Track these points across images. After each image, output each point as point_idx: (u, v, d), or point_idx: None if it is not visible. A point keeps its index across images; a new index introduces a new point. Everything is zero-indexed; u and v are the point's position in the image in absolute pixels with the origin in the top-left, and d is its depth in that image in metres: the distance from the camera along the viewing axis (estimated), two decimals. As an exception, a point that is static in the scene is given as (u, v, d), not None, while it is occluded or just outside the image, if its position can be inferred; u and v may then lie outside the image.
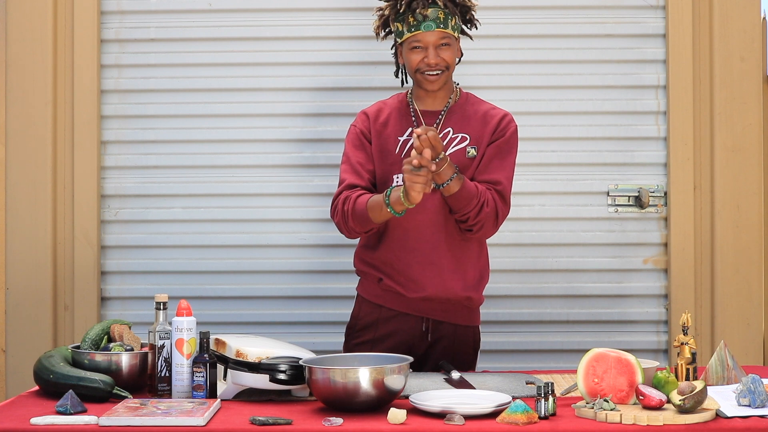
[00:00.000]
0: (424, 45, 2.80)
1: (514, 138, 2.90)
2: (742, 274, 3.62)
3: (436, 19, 2.79)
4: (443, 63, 2.81)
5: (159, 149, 3.71)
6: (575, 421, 2.17)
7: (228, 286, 3.70)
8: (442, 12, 2.79)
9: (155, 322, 2.48)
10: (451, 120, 2.89)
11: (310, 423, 2.16)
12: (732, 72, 3.62)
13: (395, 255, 2.87)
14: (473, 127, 2.87)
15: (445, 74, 2.83)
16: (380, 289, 2.91)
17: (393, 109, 2.94)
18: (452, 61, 2.84)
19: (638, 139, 3.69)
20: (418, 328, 2.88)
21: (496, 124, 2.87)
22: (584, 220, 3.69)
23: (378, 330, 2.91)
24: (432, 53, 2.80)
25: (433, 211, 2.83)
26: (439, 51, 2.80)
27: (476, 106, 2.93)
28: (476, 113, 2.90)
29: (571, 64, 3.69)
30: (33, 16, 3.63)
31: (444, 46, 2.81)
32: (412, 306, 2.88)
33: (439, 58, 2.80)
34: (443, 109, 2.90)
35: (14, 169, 3.64)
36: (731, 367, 2.53)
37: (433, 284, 2.84)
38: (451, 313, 2.90)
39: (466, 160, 2.84)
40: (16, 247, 3.63)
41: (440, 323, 2.89)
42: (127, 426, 2.14)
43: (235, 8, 3.71)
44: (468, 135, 2.86)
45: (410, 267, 2.85)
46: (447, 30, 2.80)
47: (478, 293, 2.93)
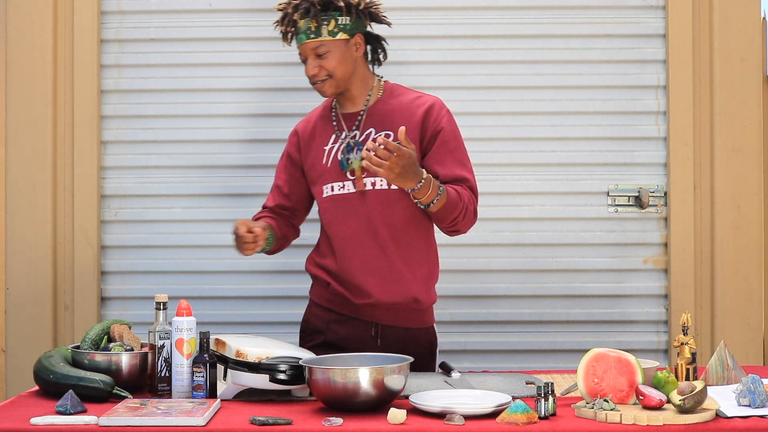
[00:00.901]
0: (304, 57, 2.81)
1: (453, 125, 2.84)
2: (742, 274, 3.62)
3: (306, 30, 2.77)
4: (323, 71, 2.78)
5: (159, 149, 3.71)
6: (575, 421, 2.17)
7: (228, 286, 3.70)
8: (314, 21, 2.76)
9: (155, 322, 2.49)
10: (372, 120, 2.84)
11: (310, 423, 2.16)
12: (732, 72, 3.62)
13: (339, 264, 2.85)
14: (396, 123, 2.79)
15: (331, 81, 2.80)
16: (329, 293, 2.89)
17: (318, 118, 2.94)
18: (336, 68, 2.78)
19: (638, 139, 3.69)
20: (368, 332, 2.85)
21: (423, 116, 2.80)
22: (584, 220, 3.69)
23: (328, 334, 2.88)
24: (310, 64, 2.79)
25: (367, 219, 2.80)
26: (320, 60, 2.78)
27: (400, 97, 2.86)
28: (400, 106, 2.83)
29: (571, 64, 3.69)
30: (33, 16, 3.63)
31: (323, 55, 2.77)
32: (360, 311, 2.85)
33: (317, 68, 2.78)
34: (362, 110, 2.86)
35: (14, 169, 3.64)
36: (731, 367, 2.53)
37: (377, 291, 2.81)
38: (401, 316, 2.85)
39: None
40: (16, 247, 3.63)
41: (389, 327, 2.85)
42: (127, 426, 2.14)
43: (235, 8, 3.71)
44: (392, 132, 2.80)
45: (353, 275, 2.82)
46: (321, 38, 2.76)
47: (427, 294, 2.88)
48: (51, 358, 2.53)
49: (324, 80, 2.80)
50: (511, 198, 3.68)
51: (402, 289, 2.82)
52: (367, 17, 2.86)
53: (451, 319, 3.65)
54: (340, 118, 2.88)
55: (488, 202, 3.66)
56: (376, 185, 2.79)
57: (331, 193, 2.84)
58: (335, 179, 2.83)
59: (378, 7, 2.89)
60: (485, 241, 3.68)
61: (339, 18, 2.78)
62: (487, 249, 3.67)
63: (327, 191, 2.84)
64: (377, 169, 2.54)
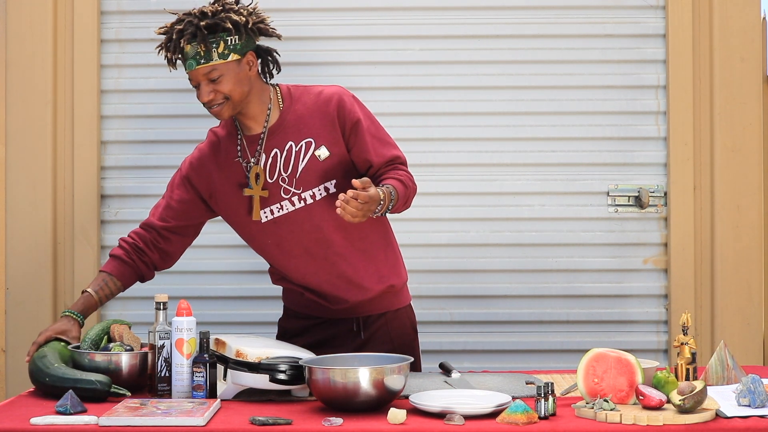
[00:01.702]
0: (196, 82, 2.65)
1: (364, 109, 2.76)
2: (742, 274, 3.62)
3: (195, 55, 2.62)
4: (219, 96, 2.64)
5: (159, 149, 3.71)
6: (575, 421, 2.17)
7: (228, 286, 3.70)
8: (202, 45, 2.61)
9: (155, 322, 2.48)
10: (286, 131, 2.72)
11: (310, 423, 2.16)
12: (732, 72, 3.62)
13: (303, 280, 2.80)
14: (312, 126, 2.72)
15: (228, 104, 2.65)
16: (305, 301, 2.85)
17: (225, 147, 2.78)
18: (231, 89, 2.63)
19: (638, 139, 3.69)
20: (349, 328, 2.83)
21: (335, 112, 2.70)
22: (584, 220, 3.69)
23: (308, 337, 2.85)
24: (203, 89, 2.63)
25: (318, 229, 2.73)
26: (214, 84, 2.62)
27: (303, 99, 2.75)
28: (308, 108, 2.72)
29: (571, 64, 3.69)
30: (33, 16, 3.63)
31: (215, 79, 2.62)
32: (338, 313, 2.82)
33: (212, 93, 2.63)
34: (262, 132, 2.73)
35: (14, 169, 3.64)
36: (731, 367, 2.53)
37: (350, 294, 2.78)
38: (377, 304, 2.83)
39: (321, 164, 2.70)
40: (16, 247, 3.63)
41: (369, 317, 2.83)
42: (127, 426, 2.14)
43: (235, 8, 3.70)
44: (311, 137, 2.71)
45: (321, 286, 2.79)
46: (212, 62, 2.61)
47: (398, 277, 2.85)
48: (44, 358, 2.51)
49: (221, 103, 2.65)
50: (511, 198, 3.67)
51: (373, 284, 2.79)
52: (256, 34, 2.72)
53: (451, 319, 3.65)
54: (245, 144, 2.75)
55: (488, 202, 3.66)
56: (316, 197, 2.72)
57: (273, 216, 2.74)
58: (271, 203, 2.73)
59: (266, 21, 2.76)
60: (485, 241, 3.68)
61: (228, 39, 2.63)
62: (487, 249, 3.67)
63: (266, 215, 2.74)
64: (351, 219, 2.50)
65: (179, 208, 2.86)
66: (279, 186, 2.73)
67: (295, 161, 2.72)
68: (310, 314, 2.86)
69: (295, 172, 2.71)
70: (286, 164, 2.71)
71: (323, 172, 2.71)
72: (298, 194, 2.72)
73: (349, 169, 2.75)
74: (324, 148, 2.71)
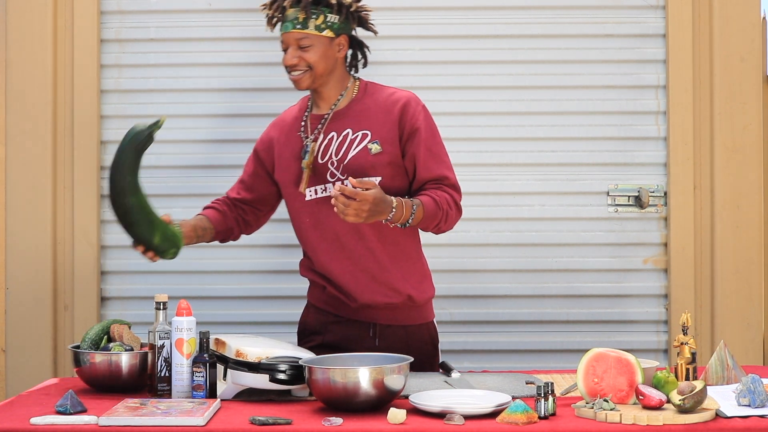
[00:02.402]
0: (286, 45, 2.78)
1: (429, 121, 2.81)
2: (742, 274, 3.62)
3: (294, 19, 2.74)
4: (303, 63, 2.75)
5: (159, 149, 3.68)
6: (575, 421, 2.17)
7: (228, 286, 3.70)
8: (303, 12, 2.73)
9: (155, 322, 2.49)
10: (348, 119, 2.80)
11: (310, 423, 2.17)
12: (732, 72, 3.62)
13: (328, 267, 2.82)
14: (374, 121, 2.78)
15: (309, 74, 2.76)
16: (326, 296, 2.87)
17: (293, 120, 2.90)
18: (316, 62, 2.75)
19: (638, 139, 3.69)
20: (366, 333, 2.83)
21: (399, 113, 2.77)
22: (584, 220, 3.69)
23: (326, 336, 2.86)
24: (290, 53, 2.75)
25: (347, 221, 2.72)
26: (301, 52, 2.75)
27: (375, 95, 2.82)
28: (376, 104, 2.80)
29: (571, 64, 3.69)
30: (33, 16, 3.63)
31: (305, 47, 2.75)
32: (357, 313, 2.83)
33: (297, 59, 2.74)
34: (327, 114, 2.82)
35: (14, 169, 3.64)
36: (731, 367, 2.53)
37: (369, 291, 2.79)
38: (398, 315, 2.83)
39: (370, 157, 2.75)
40: (16, 247, 3.63)
41: (388, 327, 2.82)
42: (127, 426, 2.14)
43: (235, 8, 3.71)
44: (369, 130, 2.77)
45: (343, 277, 2.80)
46: (306, 30, 2.73)
47: (420, 290, 2.85)
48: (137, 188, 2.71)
49: (303, 71, 2.76)
50: (511, 198, 3.68)
51: (394, 289, 2.80)
52: (355, 20, 2.84)
53: (451, 319, 3.65)
54: (308, 121, 2.86)
55: (488, 202, 3.66)
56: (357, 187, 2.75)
57: (316, 196, 2.80)
58: (317, 182, 2.79)
59: (368, 14, 2.87)
60: (485, 241, 3.68)
61: (328, 15, 2.76)
62: (487, 249, 3.67)
63: (311, 194, 2.80)
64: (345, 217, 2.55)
65: (249, 181, 2.99)
66: (327, 168, 2.78)
67: (347, 148, 2.77)
68: (330, 311, 2.87)
69: (344, 159, 2.76)
70: (338, 149, 2.77)
71: (371, 166, 2.75)
72: (342, 180, 2.75)
73: (398, 174, 2.78)
74: (378, 143, 2.76)
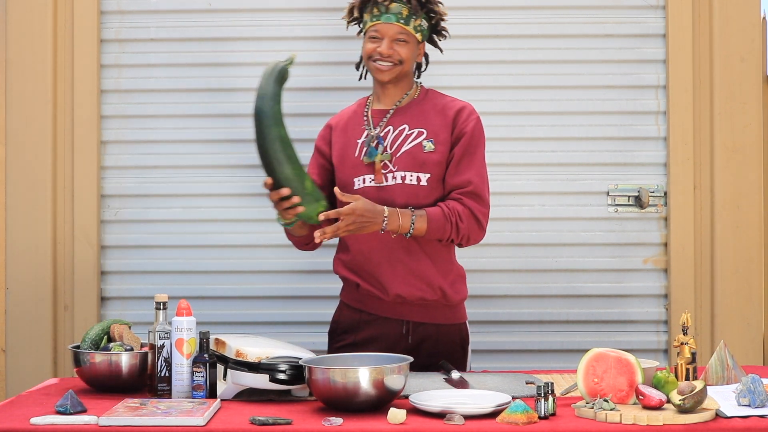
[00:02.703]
0: (381, 35, 2.83)
1: (478, 131, 2.87)
2: (742, 274, 3.62)
3: (398, 13, 2.81)
4: (396, 56, 2.82)
5: (159, 149, 3.71)
6: (575, 421, 2.17)
7: (228, 286, 3.70)
8: (406, 9, 2.82)
9: (155, 322, 2.49)
10: (406, 115, 2.87)
11: (310, 423, 2.16)
12: (732, 72, 3.62)
13: (364, 257, 2.85)
14: (430, 121, 2.85)
15: (397, 68, 2.83)
16: (359, 294, 2.89)
17: (351, 114, 2.96)
18: (407, 58, 2.84)
19: (638, 139, 3.69)
20: (398, 330, 2.85)
21: (454, 116, 2.85)
22: (584, 220, 3.69)
23: (359, 334, 2.88)
24: (386, 43, 2.82)
25: None
26: (396, 45, 2.82)
27: (435, 100, 2.91)
28: (434, 107, 2.88)
29: (571, 64, 3.69)
30: (33, 16, 3.63)
31: (401, 41, 2.82)
32: (390, 309, 2.85)
33: (392, 50, 2.82)
34: (392, 108, 2.90)
35: (14, 169, 3.64)
36: (731, 367, 2.53)
37: (404, 283, 2.82)
38: (431, 312, 2.86)
39: (423, 155, 2.81)
40: (16, 247, 3.63)
41: (421, 324, 2.85)
42: (127, 426, 2.14)
43: (235, 8, 3.71)
44: (425, 129, 2.84)
45: (380, 266, 2.83)
46: (407, 27, 2.82)
47: (455, 289, 2.88)
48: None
49: (393, 64, 2.83)
50: (511, 198, 3.68)
51: (428, 283, 2.83)
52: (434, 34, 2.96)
53: (451, 319, 3.64)
54: (370, 114, 2.92)
55: (488, 202, 3.66)
56: (405, 179, 2.81)
57: (364, 185, 2.84)
58: (368, 172, 2.84)
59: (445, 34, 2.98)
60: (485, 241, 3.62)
61: (422, 21, 2.87)
62: (487, 249, 3.67)
63: (359, 183, 2.85)
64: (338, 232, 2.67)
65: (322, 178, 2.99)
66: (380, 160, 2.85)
67: (402, 142, 2.84)
68: (363, 308, 2.89)
69: (397, 152, 2.82)
70: (393, 142, 2.83)
71: (422, 162, 2.81)
72: (393, 172, 2.82)
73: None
74: (432, 142, 2.83)
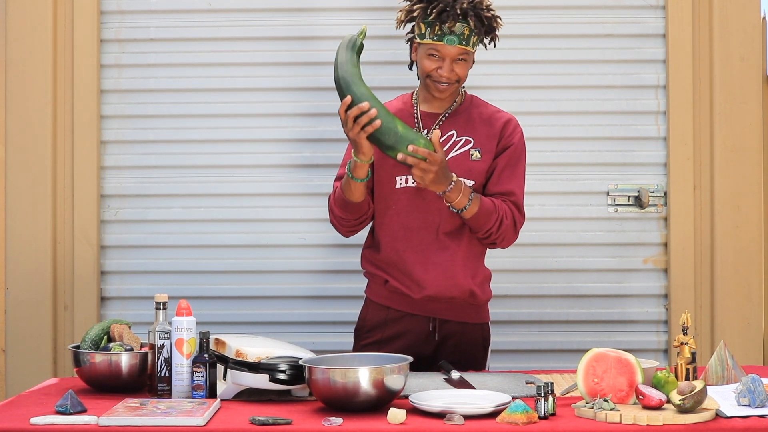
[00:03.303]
0: (443, 56, 2.80)
1: (522, 144, 2.93)
2: (742, 274, 3.62)
3: (461, 35, 2.78)
4: (455, 77, 2.81)
5: (159, 149, 3.71)
6: (575, 421, 2.17)
7: (228, 286, 3.70)
8: (468, 29, 2.78)
9: (155, 322, 2.49)
10: (454, 123, 2.90)
11: (310, 423, 2.16)
12: (732, 72, 3.62)
13: (398, 255, 2.88)
14: (477, 131, 2.89)
15: (456, 86, 2.85)
16: (387, 291, 2.92)
17: (397, 110, 2.95)
18: (464, 76, 2.84)
19: (638, 139, 3.69)
20: (425, 328, 2.89)
21: (501, 128, 2.90)
22: (584, 220, 3.69)
23: (385, 331, 2.91)
24: (447, 66, 2.80)
25: (436, 212, 2.85)
26: (455, 65, 2.81)
27: (481, 108, 2.94)
28: (480, 116, 2.91)
29: (571, 64, 3.69)
30: (33, 16, 3.63)
31: (461, 61, 2.81)
32: (418, 306, 2.89)
33: (453, 72, 2.80)
34: (444, 113, 2.91)
35: (14, 169, 3.64)
36: (731, 367, 2.53)
37: (436, 283, 2.85)
38: (457, 311, 2.91)
39: (470, 162, 2.85)
40: (16, 247, 3.63)
41: (446, 322, 2.90)
42: (127, 426, 2.14)
43: (235, 8, 3.71)
44: (472, 138, 2.88)
45: (413, 266, 2.86)
46: (468, 47, 2.80)
47: (483, 289, 2.95)
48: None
49: (452, 84, 2.82)
50: (511, 198, 3.67)
51: (459, 283, 2.87)
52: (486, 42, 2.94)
53: (451, 319, 3.64)
54: (420, 115, 2.93)
55: (488, 202, 3.66)
56: None
57: (405, 185, 2.87)
58: (410, 172, 2.81)
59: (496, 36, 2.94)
60: (485, 241, 3.67)
61: (477, 35, 2.82)
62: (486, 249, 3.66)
63: (401, 182, 2.87)
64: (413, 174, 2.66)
65: None
66: None
67: (449, 148, 2.87)
68: (391, 305, 2.91)
69: (445, 156, 2.79)
70: (441, 146, 2.78)
71: (468, 169, 2.85)
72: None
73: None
74: (479, 151, 2.87)
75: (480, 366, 2.94)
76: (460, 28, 2.77)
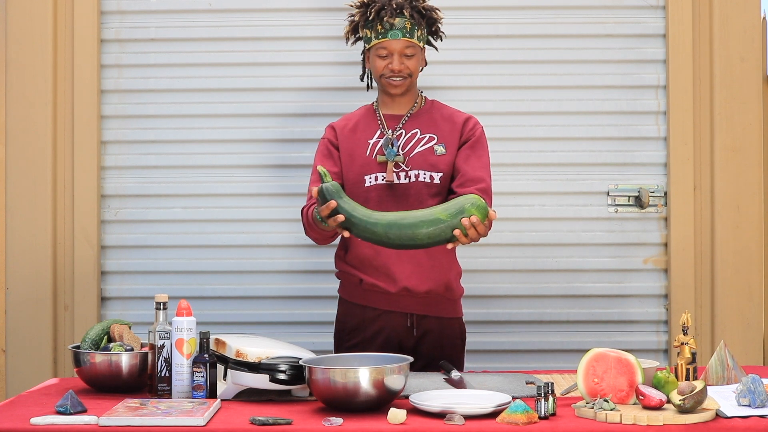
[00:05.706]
0: (390, 52, 2.92)
1: (484, 138, 3.00)
2: (742, 274, 3.62)
3: (402, 28, 2.91)
4: (406, 70, 2.92)
5: (159, 149, 3.71)
6: (575, 421, 2.17)
7: (228, 286, 3.70)
8: (409, 22, 2.91)
9: (155, 322, 2.49)
10: (417, 122, 2.98)
11: (310, 423, 2.17)
12: (732, 72, 3.62)
13: (374, 251, 2.89)
14: (440, 127, 2.97)
15: (408, 81, 2.94)
16: (362, 290, 2.94)
17: (360, 117, 3.03)
18: (415, 69, 2.95)
19: (638, 139, 3.69)
20: (404, 323, 2.92)
21: (462, 123, 2.98)
22: (584, 220, 3.69)
23: (366, 331, 2.94)
24: (396, 60, 2.92)
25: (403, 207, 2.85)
26: (404, 59, 2.92)
27: (442, 110, 3.03)
28: (442, 116, 3.00)
29: (571, 64, 3.69)
30: (33, 16, 3.63)
31: (410, 56, 2.92)
32: (394, 302, 2.91)
33: (403, 66, 2.92)
34: (407, 114, 2.99)
35: (14, 169, 3.64)
36: (731, 367, 2.53)
37: (412, 276, 2.89)
38: (433, 306, 2.94)
39: (434, 157, 2.92)
40: (16, 247, 3.63)
41: (424, 317, 2.93)
42: (127, 426, 2.14)
43: (235, 8, 3.71)
44: (435, 135, 2.96)
45: (389, 258, 2.88)
46: (412, 40, 2.91)
47: (457, 283, 3.00)
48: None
49: (404, 78, 2.93)
50: (511, 198, 3.68)
51: (435, 277, 2.91)
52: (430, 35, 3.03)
53: (451, 319, 3.64)
54: (383, 118, 3.00)
55: (488, 202, 3.66)
56: (419, 177, 2.90)
57: (375, 183, 2.91)
58: (379, 170, 2.92)
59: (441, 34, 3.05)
60: (485, 241, 3.64)
61: (422, 29, 2.96)
62: (487, 249, 3.67)
63: (370, 181, 2.92)
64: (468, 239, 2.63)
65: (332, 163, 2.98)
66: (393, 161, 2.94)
67: (414, 145, 2.95)
68: (367, 304, 2.94)
69: (410, 153, 2.93)
70: (405, 144, 2.94)
71: (434, 163, 2.92)
72: (405, 171, 2.92)
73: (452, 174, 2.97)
74: (443, 146, 2.95)
75: (459, 360, 2.98)
76: (401, 22, 2.91)
